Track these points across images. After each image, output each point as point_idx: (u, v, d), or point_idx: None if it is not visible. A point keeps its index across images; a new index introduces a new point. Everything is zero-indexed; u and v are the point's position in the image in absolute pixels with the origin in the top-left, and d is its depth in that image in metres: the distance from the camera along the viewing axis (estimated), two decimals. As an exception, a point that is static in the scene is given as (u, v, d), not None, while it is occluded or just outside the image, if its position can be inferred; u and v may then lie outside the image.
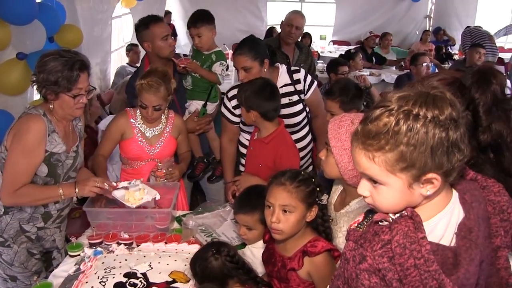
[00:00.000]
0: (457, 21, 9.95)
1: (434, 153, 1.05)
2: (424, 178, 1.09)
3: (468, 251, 1.11)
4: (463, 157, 1.08)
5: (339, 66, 4.95)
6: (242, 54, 2.76)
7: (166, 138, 2.88)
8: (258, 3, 9.99)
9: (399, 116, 1.06)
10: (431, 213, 1.15)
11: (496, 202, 1.23)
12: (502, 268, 1.23)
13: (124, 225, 2.48)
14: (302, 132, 3.02)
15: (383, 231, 1.13)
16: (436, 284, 1.06)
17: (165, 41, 3.07)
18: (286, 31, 4.28)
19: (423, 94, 1.08)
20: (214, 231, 2.55)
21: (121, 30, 7.31)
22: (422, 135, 1.05)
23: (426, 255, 1.06)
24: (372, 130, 1.09)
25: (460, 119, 1.07)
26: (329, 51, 8.91)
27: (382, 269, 1.10)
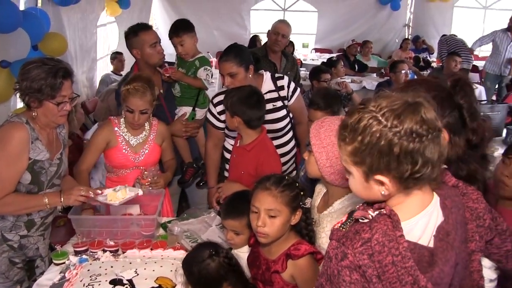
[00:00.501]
0: (434, 29, 10.22)
1: (382, 157, 1.12)
2: (373, 177, 1.16)
3: (444, 252, 1.18)
4: (416, 171, 1.13)
5: (321, 74, 5.05)
6: (228, 61, 2.79)
7: (150, 146, 2.89)
8: (242, 12, 10.05)
9: (363, 115, 1.14)
10: (410, 214, 1.21)
11: (474, 208, 1.31)
12: (475, 271, 1.29)
13: (109, 232, 2.48)
14: (285, 137, 3.06)
15: (364, 229, 1.18)
16: (411, 279, 1.11)
17: (154, 48, 3.11)
18: (273, 39, 4.37)
19: (404, 102, 1.14)
20: (199, 237, 2.55)
21: (107, 38, 7.32)
22: (375, 137, 1.12)
23: (403, 252, 1.12)
24: (344, 122, 1.18)
25: (428, 135, 1.12)
26: (312, 59, 9.00)
27: (363, 265, 1.15)
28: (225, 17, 9.85)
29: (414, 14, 10.62)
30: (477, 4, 10.14)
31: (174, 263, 2.22)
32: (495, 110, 4.40)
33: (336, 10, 10.26)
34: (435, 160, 1.14)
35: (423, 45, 9.80)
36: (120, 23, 7.46)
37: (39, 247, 2.54)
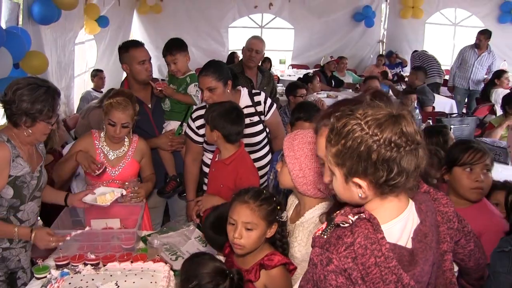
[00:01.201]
0: (407, 45, 10.50)
1: (361, 161, 1.21)
2: (352, 180, 1.25)
3: (424, 252, 1.26)
4: (391, 178, 1.21)
5: (298, 89, 5.17)
6: (207, 75, 2.86)
7: (128, 161, 2.94)
8: (220, 30, 10.21)
9: (349, 121, 1.23)
10: (387, 218, 1.28)
11: (444, 212, 1.41)
12: (447, 270, 1.37)
13: (90, 246, 2.51)
14: (262, 151, 3.14)
15: (346, 234, 1.25)
16: (395, 278, 1.19)
17: (142, 65, 3.18)
18: (247, 56, 4.42)
19: (388, 113, 1.22)
20: (178, 249, 2.60)
21: (84, 55, 7.33)
22: (356, 142, 1.20)
23: (386, 253, 1.20)
24: (332, 126, 1.27)
25: (405, 146, 1.20)
26: (289, 75, 9.10)
27: (348, 268, 1.21)
28: (204, 34, 9.97)
29: (388, 31, 10.89)
30: (447, 21, 10.47)
31: (154, 275, 2.24)
32: (464, 123, 4.54)
33: (312, 27, 10.46)
34: (411, 170, 1.22)
35: (397, 59, 10.05)
36: (99, 41, 7.49)
37: (20, 259, 2.56)
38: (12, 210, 2.45)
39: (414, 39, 10.32)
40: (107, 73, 7.14)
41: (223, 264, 1.93)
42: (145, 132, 3.24)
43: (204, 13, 9.88)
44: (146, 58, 3.21)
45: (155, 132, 3.34)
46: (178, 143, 3.33)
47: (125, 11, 8.69)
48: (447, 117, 4.89)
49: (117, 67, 6.88)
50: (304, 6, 10.29)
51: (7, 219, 2.45)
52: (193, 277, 1.79)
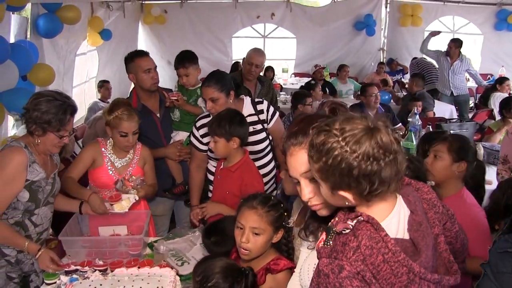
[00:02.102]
0: (407, 52, 10.54)
1: (343, 178, 1.25)
2: (337, 193, 1.30)
3: (423, 239, 1.31)
4: (374, 189, 1.26)
5: (306, 98, 5.25)
6: (210, 86, 2.91)
7: (134, 168, 2.99)
8: (224, 39, 10.26)
9: (327, 139, 1.26)
10: (383, 215, 1.33)
11: (428, 199, 1.45)
12: (443, 251, 1.40)
13: (98, 253, 2.56)
14: (265, 159, 3.19)
15: (350, 239, 1.29)
16: (406, 269, 1.23)
17: (147, 74, 3.22)
18: (247, 69, 4.42)
19: (364, 127, 1.25)
20: (184, 255, 2.64)
21: (85, 65, 7.35)
22: (336, 161, 1.24)
23: (393, 248, 1.24)
24: (311, 141, 1.32)
25: (384, 158, 1.23)
26: (291, 83, 9.15)
27: (360, 271, 1.24)
28: (208, 44, 10.03)
29: (388, 39, 10.94)
30: (446, 29, 10.50)
31: (160, 279, 2.29)
32: (463, 128, 4.57)
33: (313, 36, 10.51)
34: (393, 177, 1.26)
35: (398, 66, 10.10)
36: (101, 52, 7.55)
37: (34, 262, 2.60)
38: (27, 214, 2.52)
39: (414, 46, 10.32)
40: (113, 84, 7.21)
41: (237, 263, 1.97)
42: (152, 142, 3.29)
43: (207, 23, 9.95)
44: (151, 67, 3.24)
45: (162, 141, 3.39)
46: (186, 153, 3.35)
47: (130, 22, 8.76)
48: (446, 122, 4.92)
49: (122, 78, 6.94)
50: (305, 15, 10.34)
51: (22, 222, 2.52)
52: (211, 276, 1.82)
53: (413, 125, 4.67)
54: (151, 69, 3.24)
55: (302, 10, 10.36)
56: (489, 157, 4.33)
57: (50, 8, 4.79)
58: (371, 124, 1.26)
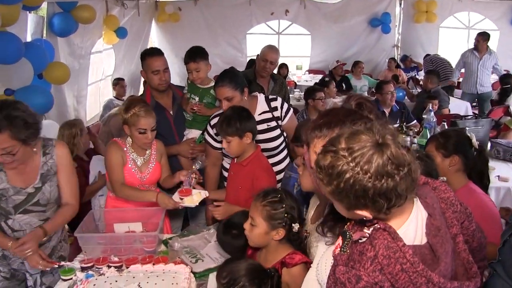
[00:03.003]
0: (422, 49, 10.46)
1: (358, 199, 1.22)
2: (354, 212, 1.27)
3: (442, 246, 1.28)
4: (392, 205, 1.23)
5: (316, 92, 5.21)
6: (224, 86, 2.90)
7: (153, 165, 2.99)
8: (238, 36, 10.29)
9: (336, 162, 1.22)
10: (400, 221, 1.31)
11: (446, 198, 1.42)
12: (461, 251, 1.37)
13: (114, 249, 2.58)
14: (280, 156, 3.18)
15: (367, 248, 1.27)
16: (425, 280, 1.21)
17: (156, 75, 3.22)
18: (261, 66, 4.42)
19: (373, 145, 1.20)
20: (198, 252, 2.65)
21: (101, 63, 7.41)
22: (349, 184, 1.20)
23: (411, 259, 1.22)
24: (318, 163, 1.27)
25: (398, 172, 1.19)
26: (305, 80, 9.14)
27: (378, 282, 1.23)
28: (222, 41, 10.06)
29: (402, 35, 10.88)
30: (460, 25, 10.44)
31: (175, 276, 2.30)
32: (479, 125, 4.50)
33: (328, 33, 10.47)
34: (409, 188, 1.23)
35: (412, 63, 10.00)
36: (117, 50, 7.61)
37: (24, 262, 2.57)
38: (2, 217, 2.50)
39: (428, 43, 10.27)
40: (128, 81, 7.27)
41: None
42: (165, 139, 3.28)
43: (221, 20, 9.99)
44: (160, 68, 3.23)
45: (175, 138, 3.39)
46: (199, 151, 3.34)
47: (144, 20, 8.83)
48: (461, 119, 4.86)
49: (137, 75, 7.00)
50: (320, 12, 10.31)
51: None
52: (237, 278, 1.82)
53: (428, 122, 4.64)
54: (159, 70, 3.23)
55: (316, 7, 10.31)
56: (505, 154, 4.28)
57: (66, 7, 4.84)
58: (379, 138, 1.22)
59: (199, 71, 3.28)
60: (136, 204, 2.97)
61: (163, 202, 2.72)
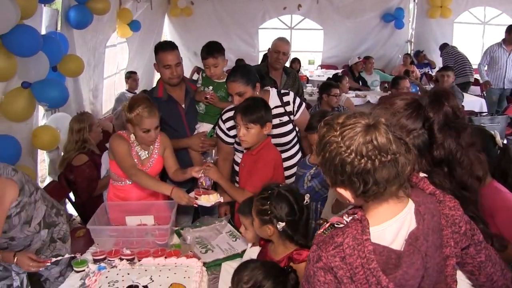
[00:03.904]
0: (436, 45, 10.21)
1: (337, 174, 1.24)
2: (336, 189, 1.29)
3: (410, 256, 1.24)
4: (368, 189, 1.22)
5: (331, 88, 5.18)
6: (236, 81, 2.88)
7: (155, 159, 2.99)
8: (250, 31, 10.28)
9: (327, 133, 1.25)
10: (382, 219, 1.29)
11: (450, 216, 1.35)
12: (448, 275, 1.33)
13: (126, 242, 2.60)
14: (292, 150, 3.16)
15: (338, 234, 1.28)
16: (375, 280, 1.20)
17: (167, 69, 3.21)
18: (274, 58, 4.41)
19: (364, 125, 1.21)
20: (209, 243, 2.69)
21: (115, 57, 7.45)
22: (331, 155, 1.23)
23: (367, 255, 1.21)
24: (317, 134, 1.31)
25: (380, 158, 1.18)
26: (318, 75, 9.11)
27: (334, 267, 1.24)
28: (234, 36, 10.05)
29: (416, 30, 10.74)
30: (476, 20, 10.26)
31: (187, 270, 2.31)
32: (495, 122, 4.44)
33: (341, 28, 10.41)
34: (390, 179, 1.21)
35: (425, 60, 9.86)
36: (131, 43, 7.64)
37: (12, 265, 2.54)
38: None
39: (443, 38, 10.06)
40: (139, 75, 7.29)
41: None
42: (176, 132, 3.30)
43: (234, 15, 9.98)
44: (172, 63, 3.21)
45: (186, 132, 3.39)
46: (209, 145, 3.35)
47: (157, 14, 8.84)
48: (476, 115, 4.79)
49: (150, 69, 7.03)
50: (332, 7, 10.24)
51: None
52: (262, 281, 1.77)
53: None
54: (171, 65, 3.21)
55: (329, 1, 10.24)
56: (523, 152, 4.20)
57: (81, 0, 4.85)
58: (371, 121, 1.22)
59: (217, 67, 3.27)
60: (137, 195, 2.99)
61: (178, 197, 2.70)
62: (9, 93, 3.53)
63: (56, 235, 2.72)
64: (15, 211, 2.31)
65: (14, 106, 3.51)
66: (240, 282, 1.79)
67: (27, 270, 2.46)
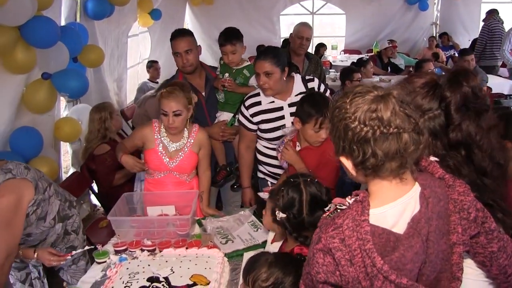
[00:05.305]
0: (462, 27, 10.01)
1: (339, 140, 1.24)
2: (339, 158, 1.27)
3: (409, 238, 1.20)
4: (366, 159, 1.19)
5: (354, 73, 5.13)
6: (266, 60, 2.81)
7: (186, 153, 2.92)
8: (272, 18, 10.19)
9: (341, 99, 1.25)
10: (384, 201, 1.25)
11: (459, 201, 1.28)
12: (454, 264, 1.27)
13: (147, 233, 2.58)
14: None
15: (338, 216, 1.26)
16: (370, 262, 1.16)
17: (178, 57, 3.20)
18: (297, 43, 4.36)
19: (374, 96, 1.20)
20: (230, 234, 2.65)
21: (138, 47, 7.48)
22: (337, 120, 1.23)
23: (364, 236, 1.18)
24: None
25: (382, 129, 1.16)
26: (341, 60, 9.00)
27: (332, 248, 1.21)
28: (255, 23, 9.96)
29: (441, 13, 10.43)
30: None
31: (208, 261, 2.30)
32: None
33: (363, 12, 10.22)
34: (390, 154, 1.18)
35: (449, 42, 9.54)
36: (153, 33, 7.64)
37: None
38: None
39: (469, 19, 9.79)
40: (160, 64, 7.30)
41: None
42: (196, 120, 3.25)
43: (255, 2, 9.90)
44: (180, 50, 3.17)
45: (207, 120, 3.35)
46: (230, 134, 3.32)
47: (178, 3, 8.81)
48: (506, 98, 4.61)
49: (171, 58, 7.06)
50: (354, -10, 10.06)
51: None
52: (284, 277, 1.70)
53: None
54: (179, 53, 3.18)
55: (351, -15, 10.05)
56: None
57: (99, -9, 4.85)
58: (382, 92, 1.21)
59: (235, 54, 3.22)
60: (172, 189, 2.97)
61: (125, 161, 2.82)
62: (30, 84, 3.55)
63: (70, 227, 2.72)
64: (31, 209, 2.30)
65: (36, 98, 3.52)
66: (258, 281, 1.70)
67: (48, 265, 2.46)
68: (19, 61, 3.24)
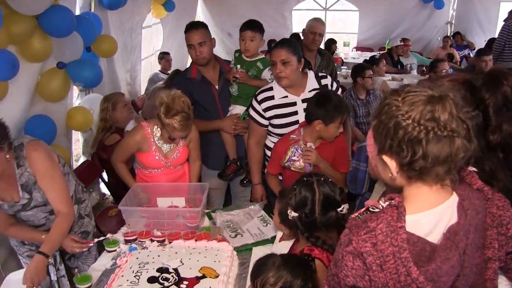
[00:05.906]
0: (479, 27, 9.78)
1: (387, 137, 1.17)
2: (382, 157, 1.22)
3: (446, 250, 1.16)
4: (415, 160, 1.14)
5: (365, 70, 5.08)
6: (283, 48, 2.81)
7: (180, 150, 2.99)
8: (284, 13, 10.10)
9: (391, 96, 1.20)
10: (420, 208, 1.21)
11: (497, 216, 1.26)
12: (488, 279, 1.25)
13: (156, 223, 2.61)
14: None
15: (371, 219, 1.21)
16: (405, 271, 1.13)
17: (191, 49, 3.21)
18: (310, 39, 4.35)
19: (429, 95, 1.15)
20: (239, 227, 2.67)
21: (151, 39, 7.47)
22: (387, 118, 1.17)
23: (400, 243, 1.14)
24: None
25: (436, 131, 1.11)
26: (353, 57, 8.94)
27: (364, 252, 1.17)
28: (267, 17, 9.86)
29: (457, 11, 10.22)
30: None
31: (217, 254, 2.31)
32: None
33: (377, 9, 10.07)
34: (440, 158, 1.13)
35: (463, 42, 9.40)
36: (165, 24, 7.64)
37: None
38: None
39: (487, 19, 9.56)
40: (172, 56, 7.31)
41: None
42: (209, 113, 3.28)
43: (267, -4, 9.83)
44: (194, 43, 3.18)
45: (219, 113, 3.35)
46: (242, 127, 3.31)
47: (190, -4, 8.80)
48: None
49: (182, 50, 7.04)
50: (369, -13, 9.97)
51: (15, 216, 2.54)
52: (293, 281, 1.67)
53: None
54: (193, 45, 3.19)
55: (365, -19, 9.97)
56: None
57: (114, -19, 4.86)
58: (438, 93, 1.15)
59: (253, 41, 3.22)
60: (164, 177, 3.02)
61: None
62: (45, 73, 3.57)
63: (83, 211, 2.80)
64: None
65: (50, 86, 3.54)
66: (266, 285, 1.68)
67: (71, 251, 2.53)
68: (36, 50, 3.26)
